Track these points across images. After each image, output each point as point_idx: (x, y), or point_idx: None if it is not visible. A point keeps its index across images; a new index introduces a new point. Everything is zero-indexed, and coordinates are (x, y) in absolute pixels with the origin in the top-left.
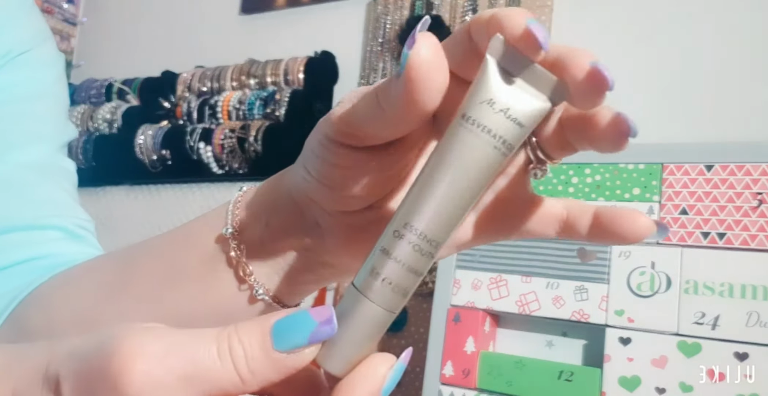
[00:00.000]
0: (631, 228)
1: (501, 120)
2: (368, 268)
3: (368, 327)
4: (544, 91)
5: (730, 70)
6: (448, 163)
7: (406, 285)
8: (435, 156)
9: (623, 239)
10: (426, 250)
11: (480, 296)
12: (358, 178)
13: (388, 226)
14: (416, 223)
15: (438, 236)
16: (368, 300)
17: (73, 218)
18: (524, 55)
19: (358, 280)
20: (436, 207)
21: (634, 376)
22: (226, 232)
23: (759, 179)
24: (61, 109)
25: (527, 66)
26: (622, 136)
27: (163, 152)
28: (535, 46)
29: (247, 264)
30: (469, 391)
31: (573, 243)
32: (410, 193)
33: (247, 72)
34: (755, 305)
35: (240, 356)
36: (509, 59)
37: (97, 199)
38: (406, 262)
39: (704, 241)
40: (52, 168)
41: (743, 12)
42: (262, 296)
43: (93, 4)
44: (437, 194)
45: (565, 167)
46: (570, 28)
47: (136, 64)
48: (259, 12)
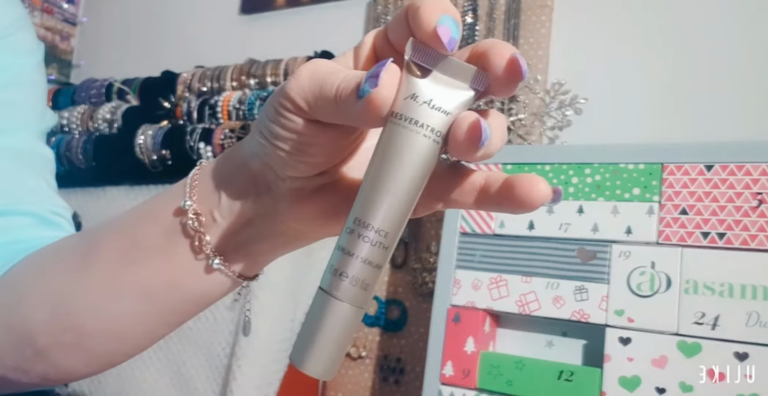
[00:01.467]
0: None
1: (426, 111)
2: (331, 269)
3: (341, 325)
4: (464, 80)
5: (729, 70)
6: (388, 159)
7: (369, 280)
8: (376, 155)
9: (521, 203)
10: (383, 243)
11: (480, 296)
12: (311, 145)
13: (343, 229)
14: (370, 220)
15: (392, 228)
16: (336, 299)
17: (48, 205)
18: (438, 51)
19: (324, 282)
20: (385, 202)
21: (634, 376)
22: (184, 205)
23: (759, 179)
24: (39, 97)
25: (444, 60)
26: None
27: (163, 152)
28: (441, 46)
29: (203, 234)
30: (469, 391)
31: (573, 243)
32: (360, 192)
33: (247, 72)
34: (755, 305)
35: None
36: (426, 56)
37: (97, 199)
38: (366, 258)
39: (704, 241)
40: (30, 155)
41: (744, 12)
42: (217, 266)
43: (93, 3)
44: (384, 190)
45: (565, 167)
46: (570, 28)
47: (136, 64)
48: (258, 12)
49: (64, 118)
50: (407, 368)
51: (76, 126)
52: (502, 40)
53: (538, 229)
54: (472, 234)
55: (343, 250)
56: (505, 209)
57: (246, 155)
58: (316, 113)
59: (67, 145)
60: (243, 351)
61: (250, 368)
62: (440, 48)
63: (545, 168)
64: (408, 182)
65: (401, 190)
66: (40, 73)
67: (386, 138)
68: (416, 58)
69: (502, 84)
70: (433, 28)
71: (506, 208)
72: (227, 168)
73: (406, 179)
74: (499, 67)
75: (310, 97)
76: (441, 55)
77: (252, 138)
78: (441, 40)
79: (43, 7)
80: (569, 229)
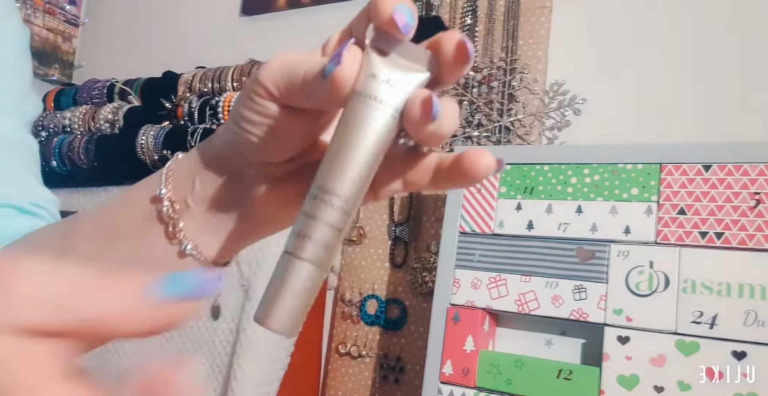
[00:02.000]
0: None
1: (384, 88)
2: (295, 232)
3: (303, 283)
4: (419, 62)
5: (728, 70)
6: (349, 131)
7: (330, 242)
8: (339, 127)
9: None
10: (343, 208)
11: (479, 295)
12: (280, 130)
13: (308, 195)
14: (332, 186)
15: (352, 194)
16: (299, 259)
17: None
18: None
19: (288, 245)
20: (346, 169)
21: (632, 374)
22: (159, 193)
23: (756, 179)
24: (23, 85)
25: (401, 44)
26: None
27: (165, 152)
28: (398, 30)
29: (177, 220)
30: (469, 390)
31: (572, 243)
32: (324, 161)
33: (248, 72)
34: (753, 304)
35: (113, 291)
36: (385, 41)
37: (99, 199)
38: (328, 221)
39: (702, 241)
40: (14, 144)
41: (742, 12)
42: (190, 251)
43: (94, 5)
44: (345, 158)
45: (564, 167)
46: (569, 28)
47: (138, 64)
48: (259, 13)
49: (66, 119)
50: (407, 367)
51: (77, 126)
52: (502, 41)
53: (537, 229)
54: (472, 233)
55: (306, 214)
56: (457, 183)
57: (219, 144)
58: (286, 97)
59: (69, 145)
60: (244, 349)
61: (250, 367)
62: (397, 33)
63: (544, 168)
64: (367, 151)
65: (361, 159)
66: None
67: (348, 112)
68: (376, 43)
69: (452, 66)
70: (390, 15)
71: (457, 182)
72: (201, 157)
73: (366, 149)
74: (448, 49)
75: (280, 81)
76: (398, 41)
77: (226, 127)
78: (397, 25)
79: (45, 9)
80: (568, 229)
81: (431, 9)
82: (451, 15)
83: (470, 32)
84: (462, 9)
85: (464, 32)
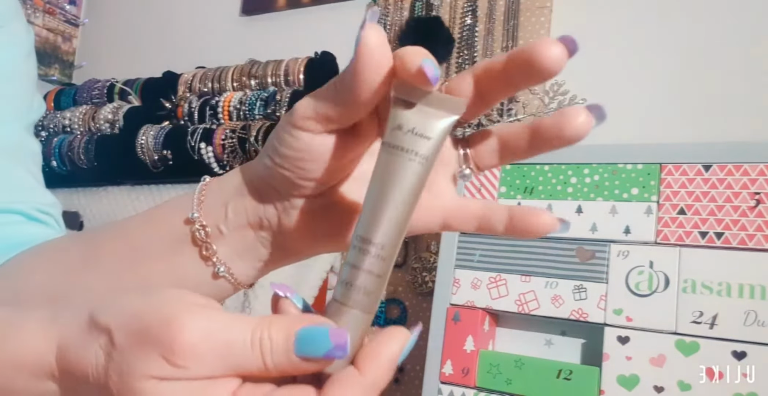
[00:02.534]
0: (536, 225)
1: (411, 138)
2: (342, 282)
3: (353, 330)
4: (444, 109)
5: (728, 70)
6: (383, 183)
7: (372, 288)
8: (372, 179)
9: (533, 235)
10: (385, 256)
11: (479, 295)
12: (315, 163)
13: (351, 246)
14: (370, 236)
15: (391, 242)
16: (348, 307)
17: (36, 203)
18: (420, 88)
19: (337, 294)
20: (384, 219)
21: (632, 374)
22: (192, 216)
23: (756, 179)
24: (29, 88)
25: (426, 95)
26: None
27: (165, 152)
28: (427, 82)
29: (210, 244)
30: (469, 390)
31: (572, 243)
32: (362, 214)
33: (248, 72)
34: (753, 304)
35: (267, 350)
36: (410, 93)
37: (98, 199)
38: (369, 269)
39: (702, 241)
40: (18, 149)
41: (742, 12)
42: (223, 273)
43: (94, 5)
44: (381, 209)
45: (564, 167)
46: (569, 28)
47: (138, 64)
48: (259, 13)
49: (66, 119)
50: (407, 367)
51: (77, 126)
52: (502, 41)
53: None
54: (472, 233)
55: (350, 264)
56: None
57: (252, 176)
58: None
59: (69, 145)
60: None
61: None
62: (426, 84)
63: (544, 168)
64: (401, 200)
65: (395, 208)
66: (30, 62)
67: (380, 164)
68: (401, 95)
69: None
70: (419, 67)
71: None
72: (234, 186)
73: (399, 198)
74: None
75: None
76: (422, 91)
77: (258, 162)
78: (426, 76)
79: (45, 9)
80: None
81: (431, 9)
82: (451, 15)
83: (470, 32)
84: (462, 9)
85: (464, 32)
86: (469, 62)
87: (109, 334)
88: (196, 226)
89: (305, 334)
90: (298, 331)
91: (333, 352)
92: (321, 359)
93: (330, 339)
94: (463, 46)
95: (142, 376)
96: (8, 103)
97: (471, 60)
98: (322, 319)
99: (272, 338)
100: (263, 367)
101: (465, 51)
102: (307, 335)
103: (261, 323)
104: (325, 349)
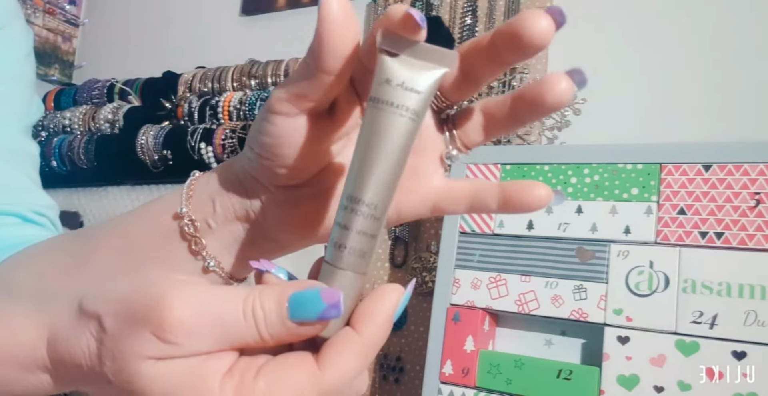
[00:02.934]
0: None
1: (400, 92)
2: (332, 243)
3: (346, 292)
4: (434, 61)
5: (728, 70)
6: (371, 139)
7: (365, 248)
8: (360, 137)
9: (528, 208)
10: (374, 214)
11: (479, 295)
12: (293, 150)
13: (339, 206)
14: (362, 195)
15: (381, 200)
16: (339, 269)
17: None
18: (407, 37)
19: (327, 255)
20: (373, 177)
21: (632, 374)
22: (181, 211)
23: (756, 179)
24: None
25: (413, 46)
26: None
27: (165, 152)
28: (414, 25)
29: (199, 238)
30: (469, 390)
31: (572, 243)
32: (349, 173)
33: (248, 72)
34: (753, 304)
35: (261, 319)
36: (396, 44)
37: (98, 199)
38: (361, 229)
39: (702, 241)
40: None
41: (742, 12)
42: (213, 268)
43: (94, 5)
44: (370, 166)
45: (564, 167)
46: (569, 28)
47: (138, 64)
48: (259, 13)
49: (66, 119)
50: (407, 367)
51: (77, 126)
52: None
53: (537, 229)
54: (472, 233)
55: (340, 225)
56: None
57: (237, 170)
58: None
59: (69, 145)
60: None
61: None
62: (414, 27)
63: (544, 168)
64: (390, 158)
65: (384, 166)
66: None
67: (367, 121)
68: (386, 46)
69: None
70: (404, 12)
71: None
72: (221, 181)
73: (388, 155)
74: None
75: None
76: (409, 41)
77: (243, 154)
78: (414, 18)
79: (45, 9)
80: (568, 229)
81: (431, 8)
82: (451, 15)
83: (470, 32)
84: (462, 9)
85: (464, 32)
86: None
87: (99, 320)
88: (185, 220)
89: (297, 297)
90: (290, 296)
91: (327, 312)
92: (316, 322)
93: (322, 299)
94: None
95: (137, 357)
96: (7, 104)
97: None
98: (312, 283)
99: (264, 307)
100: (258, 337)
101: None
102: (300, 298)
103: (251, 293)
104: (318, 310)
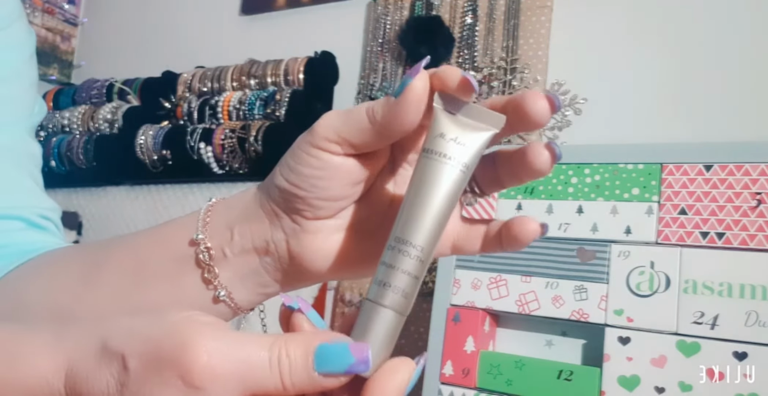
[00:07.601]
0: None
1: (453, 146)
2: (377, 282)
3: (386, 330)
4: (484, 121)
5: (728, 70)
6: (423, 186)
7: (410, 290)
8: (412, 184)
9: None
10: (420, 257)
11: (480, 296)
12: (330, 182)
13: (386, 247)
14: (410, 238)
15: (427, 244)
16: (382, 307)
17: (36, 208)
18: (462, 98)
19: (371, 294)
20: (422, 221)
21: (633, 375)
22: (197, 238)
23: (758, 179)
24: (30, 90)
25: (466, 106)
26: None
27: (164, 152)
28: (470, 88)
29: (213, 267)
30: (469, 391)
31: (572, 243)
32: (399, 214)
33: (248, 72)
34: (754, 305)
35: (286, 368)
36: (451, 104)
37: (98, 199)
38: (407, 270)
39: (703, 241)
40: (19, 153)
41: (743, 12)
42: (223, 298)
43: (94, 4)
44: (420, 211)
45: (564, 167)
46: (570, 28)
47: (137, 64)
48: (259, 12)
49: (65, 119)
50: None
51: (76, 126)
52: (502, 40)
53: None
54: None
55: (386, 264)
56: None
57: (261, 199)
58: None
59: (68, 145)
60: None
61: None
62: (469, 89)
63: None
64: (439, 204)
65: (433, 211)
66: (32, 64)
67: (420, 169)
68: (443, 106)
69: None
70: (461, 76)
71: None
72: (240, 209)
73: (438, 202)
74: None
75: (341, 127)
76: (463, 102)
77: (269, 184)
78: (470, 82)
79: (44, 8)
80: (569, 229)
81: (431, 8)
82: (451, 14)
83: (470, 31)
84: (462, 8)
85: (464, 32)
86: (469, 62)
87: (122, 360)
88: (201, 248)
89: (325, 349)
90: (317, 347)
91: (355, 366)
92: (342, 375)
93: (352, 353)
94: (463, 46)
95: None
96: (9, 105)
97: (471, 59)
98: (340, 336)
99: (290, 356)
100: (281, 386)
101: (465, 50)
102: (327, 351)
103: (277, 341)
104: (346, 364)
